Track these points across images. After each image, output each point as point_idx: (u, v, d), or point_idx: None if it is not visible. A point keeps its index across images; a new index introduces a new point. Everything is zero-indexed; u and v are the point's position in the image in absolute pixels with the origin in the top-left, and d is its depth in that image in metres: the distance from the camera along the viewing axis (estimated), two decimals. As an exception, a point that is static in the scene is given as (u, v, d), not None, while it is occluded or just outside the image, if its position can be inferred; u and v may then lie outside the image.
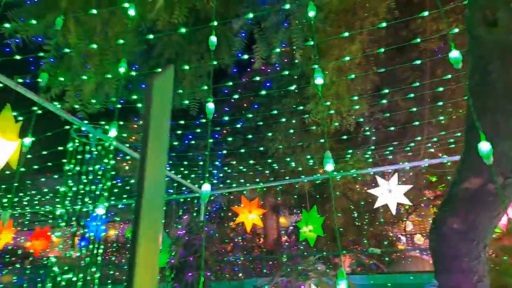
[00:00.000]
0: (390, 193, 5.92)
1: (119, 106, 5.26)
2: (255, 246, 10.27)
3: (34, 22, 3.93)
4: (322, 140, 5.56)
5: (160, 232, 0.61)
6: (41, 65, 4.75)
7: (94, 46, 4.35)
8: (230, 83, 4.61)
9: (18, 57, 4.38)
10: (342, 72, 5.34)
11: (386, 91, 5.49)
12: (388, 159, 6.63)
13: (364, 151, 6.25)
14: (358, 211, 9.69)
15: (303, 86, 5.48)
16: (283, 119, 5.67)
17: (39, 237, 7.09)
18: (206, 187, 1.67)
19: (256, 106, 6.34)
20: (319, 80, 2.51)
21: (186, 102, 5.14)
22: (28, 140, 2.57)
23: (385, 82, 5.98)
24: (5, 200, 7.30)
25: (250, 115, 5.27)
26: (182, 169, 6.46)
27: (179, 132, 5.79)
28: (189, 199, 7.79)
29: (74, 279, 5.14)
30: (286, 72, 4.87)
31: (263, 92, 5.07)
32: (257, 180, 6.74)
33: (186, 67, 4.62)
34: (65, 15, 3.61)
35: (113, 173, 5.99)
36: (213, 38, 2.17)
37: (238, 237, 10.15)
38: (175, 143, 5.95)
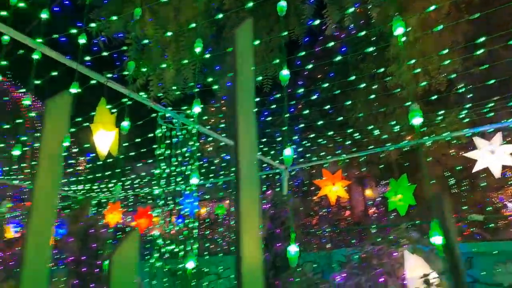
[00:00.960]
0: (492, 154, 5.23)
1: (197, 90, 5.47)
2: (341, 219, 10.10)
3: (115, 18, 4.21)
4: (408, 104, 5.11)
5: (259, 195, 0.60)
6: (125, 59, 5.13)
7: (169, 33, 4.54)
8: (303, 53, 4.44)
9: (105, 53, 4.77)
10: (428, 26, 4.79)
11: (482, 39, 4.79)
12: (488, 118, 5.85)
13: (458, 111, 5.59)
14: (454, 177, 8.84)
15: (383, 46, 5.05)
16: (362, 85, 5.32)
17: (142, 216, 7.89)
18: (288, 151, 1.77)
19: (331, 74, 6.05)
20: (400, 30, 2.28)
21: (259, 78, 5.12)
22: (126, 123, 2.80)
23: (480, 31, 5.21)
24: (111, 185, 8.25)
25: (326, 84, 5.05)
26: (262, 146, 6.53)
27: (254, 109, 5.83)
28: (271, 175, 7.90)
29: (176, 250, 5.67)
30: (363, 33, 4.52)
31: (339, 58, 4.79)
32: (338, 152, 6.51)
33: (257, 42, 4.56)
34: (140, 7, 3.80)
35: (198, 154, 6.33)
36: (282, 3, 2.06)
37: (323, 210, 10.07)
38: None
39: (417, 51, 5.01)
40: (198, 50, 2.66)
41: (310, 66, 4.55)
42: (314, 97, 5.30)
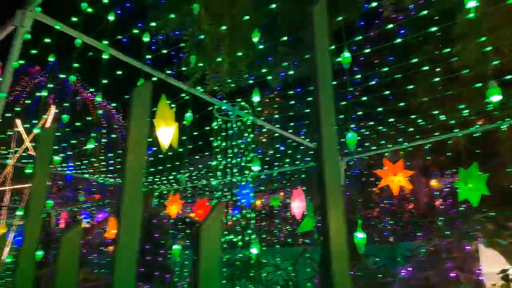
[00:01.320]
0: None
1: (250, 81, 5.50)
2: (404, 211, 9.63)
3: (173, 16, 4.35)
4: (478, 85, 4.70)
5: (340, 185, 0.63)
6: (181, 56, 5.29)
7: (224, 27, 4.60)
8: (360, 37, 4.26)
9: (164, 51, 4.95)
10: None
11: None
12: None
13: (539, 91, 5.03)
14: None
15: (447, 24, 4.68)
16: (425, 68, 5.00)
17: (201, 207, 8.17)
18: (351, 135, 1.74)
19: (390, 58, 5.74)
20: (472, 4, 2.11)
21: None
22: (189, 114, 2.91)
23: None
24: (171, 177, 8.64)
25: (386, 69, 4.80)
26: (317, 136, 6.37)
27: (309, 99, 5.71)
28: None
29: (235, 240, 5.78)
30: (424, 12, 4.23)
31: (398, 40, 4.53)
32: (400, 140, 6.17)
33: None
34: (197, 3, 3.87)
35: (253, 146, 6.39)
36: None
37: (384, 201, 9.67)
38: (307, 110, 5.92)
39: (486, 27, 4.59)
40: (255, 39, 2.65)
41: (367, 50, 4.35)
42: (372, 82, 5.06)
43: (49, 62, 4.03)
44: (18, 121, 5.98)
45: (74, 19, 4.01)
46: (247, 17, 4.27)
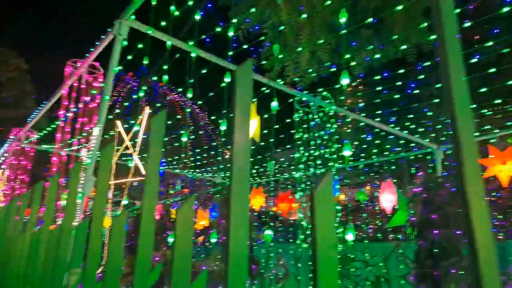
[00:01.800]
0: None
1: (333, 69, 5.29)
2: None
3: (253, 10, 4.36)
4: None
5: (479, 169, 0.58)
6: (260, 51, 5.30)
7: (304, 16, 4.48)
8: (457, 10, 3.78)
9: (245, 46, 5.02)
10: None
11: None
12: None
13: None
14: None
15: None
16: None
17: (283, 201, 8.18)
18: None
19: (495, 31, 5.01)
20: None
21: (404, 47, 4.60)
22: (274, 104, 2.88)
23: None
24: (253, 171, 8.82)
25: (490, 43, 4.19)
26: (408, 123, 5.92)
27: (398, 83, 5.30)
28: (420, 156, 7.10)
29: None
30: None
31: (506, 9, 3.91)
32: (509, 124, 5.36)
33: (400, 7, 4.07)
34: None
35: (336, 137, 6.17)
36: None
37: (490, 194, 8.62)
38: (396, 96, 5.48)
39: None
40: (343, 20, 2.50)
41: (468, 24, 3.85)
42: (473, 60, 4.48)
43: (142, 65, 4.34)
44: (118, 122, 6.62)
45: (163, 23, 4.26)
46: (328, 2, 4.09)
